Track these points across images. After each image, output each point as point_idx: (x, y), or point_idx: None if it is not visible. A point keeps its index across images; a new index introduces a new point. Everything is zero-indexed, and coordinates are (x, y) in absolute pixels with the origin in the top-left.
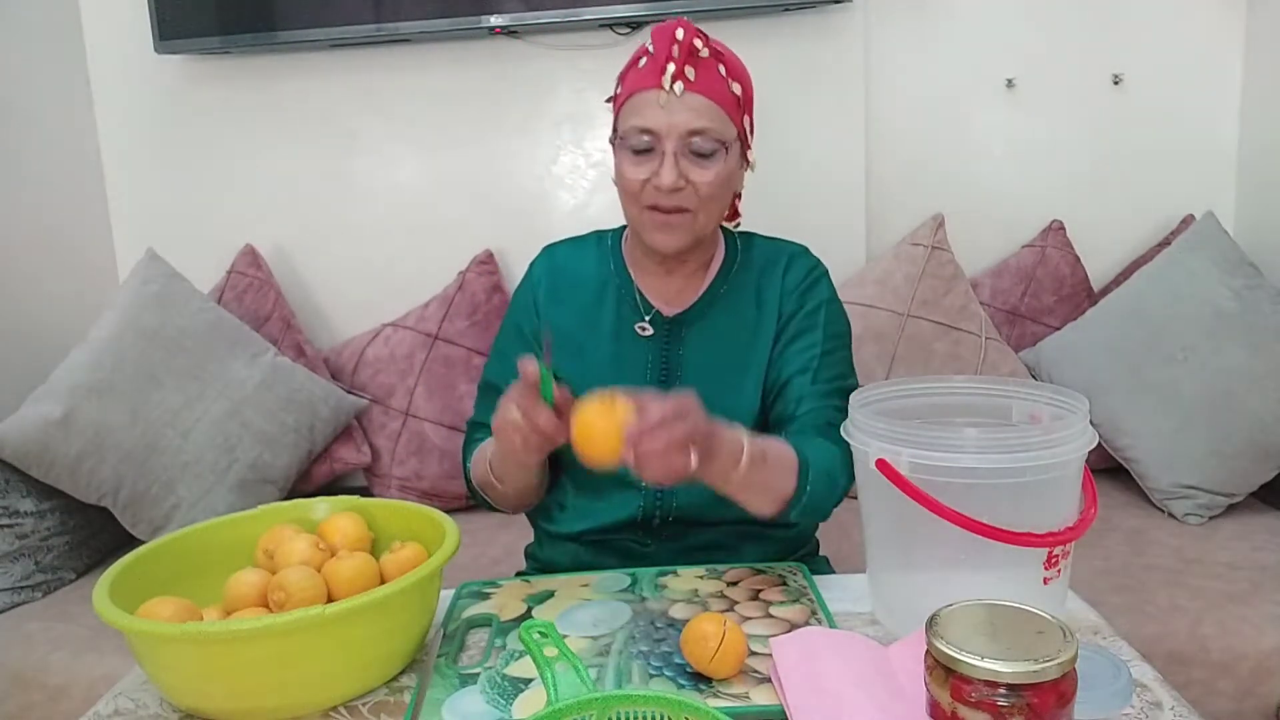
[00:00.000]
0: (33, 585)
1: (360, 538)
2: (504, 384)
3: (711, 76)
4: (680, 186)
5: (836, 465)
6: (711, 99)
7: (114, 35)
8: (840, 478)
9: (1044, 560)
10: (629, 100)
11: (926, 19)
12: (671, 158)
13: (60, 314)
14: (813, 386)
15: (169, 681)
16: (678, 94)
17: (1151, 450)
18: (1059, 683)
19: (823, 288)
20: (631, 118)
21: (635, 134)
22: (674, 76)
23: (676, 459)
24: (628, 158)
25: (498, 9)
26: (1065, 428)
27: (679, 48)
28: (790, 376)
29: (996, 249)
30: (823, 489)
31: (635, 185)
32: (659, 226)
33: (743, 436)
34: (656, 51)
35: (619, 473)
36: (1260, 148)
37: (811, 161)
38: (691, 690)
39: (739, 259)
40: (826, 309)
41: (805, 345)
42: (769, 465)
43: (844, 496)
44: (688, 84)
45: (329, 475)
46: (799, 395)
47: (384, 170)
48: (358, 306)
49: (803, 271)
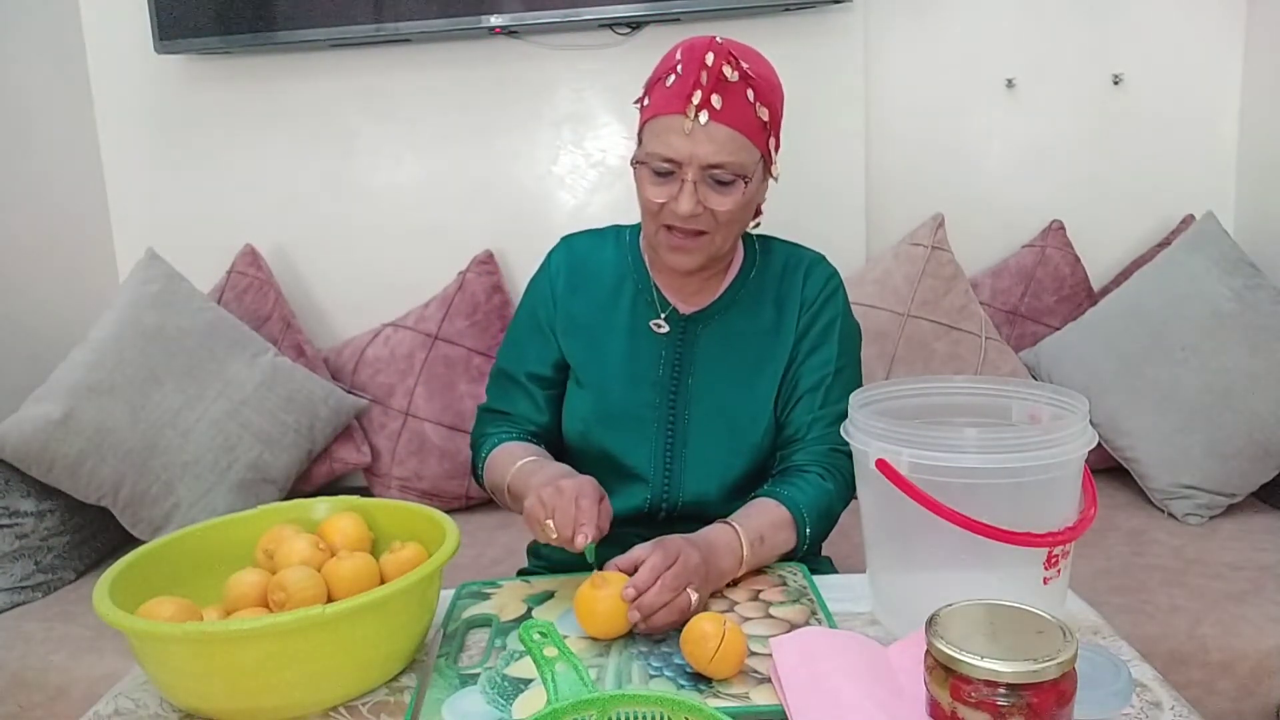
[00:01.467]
0: (33, 585)
1: (360, 538)
2: (518, 371)
3: (739, 104)
4: (698, 214)
5: (833, 499)
6: (737, 129)
7: (114, 35)
8: (837, 508)
9: (1044, 560)
10: (653, 121)
11: (926, 19)
12: (691, 185)
13: (60, 314)
14: (821, 410)
15: (169, 681)
16: (702, 123)
17: (1151, 450)
18: (1059, 683)
19: (839, 300)
20: (654, 143)
21: (657, 160)
22: (700, 106)
23: (679, 605)
24: (648, 178)
25: (498, 9)
26: (1065, 428)
27: (707, 74)
28: (804, 393)
29: (996, 249)
30: (820, 529)
31: (654, 206)
32: (674, 249)
33: (738, 537)
34: (684, 74)
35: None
36: (1260, 148)
37: (811, 161)
38: (691, 690)
39: (758, 261)
40: (842, 323)
41: (819, 363)
42: (767, 545)
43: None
44: (713, 113)
45: (329, 475)
46: (809, 420)
47: (384, 170)
48: (358, 306)
49: (821, 281)
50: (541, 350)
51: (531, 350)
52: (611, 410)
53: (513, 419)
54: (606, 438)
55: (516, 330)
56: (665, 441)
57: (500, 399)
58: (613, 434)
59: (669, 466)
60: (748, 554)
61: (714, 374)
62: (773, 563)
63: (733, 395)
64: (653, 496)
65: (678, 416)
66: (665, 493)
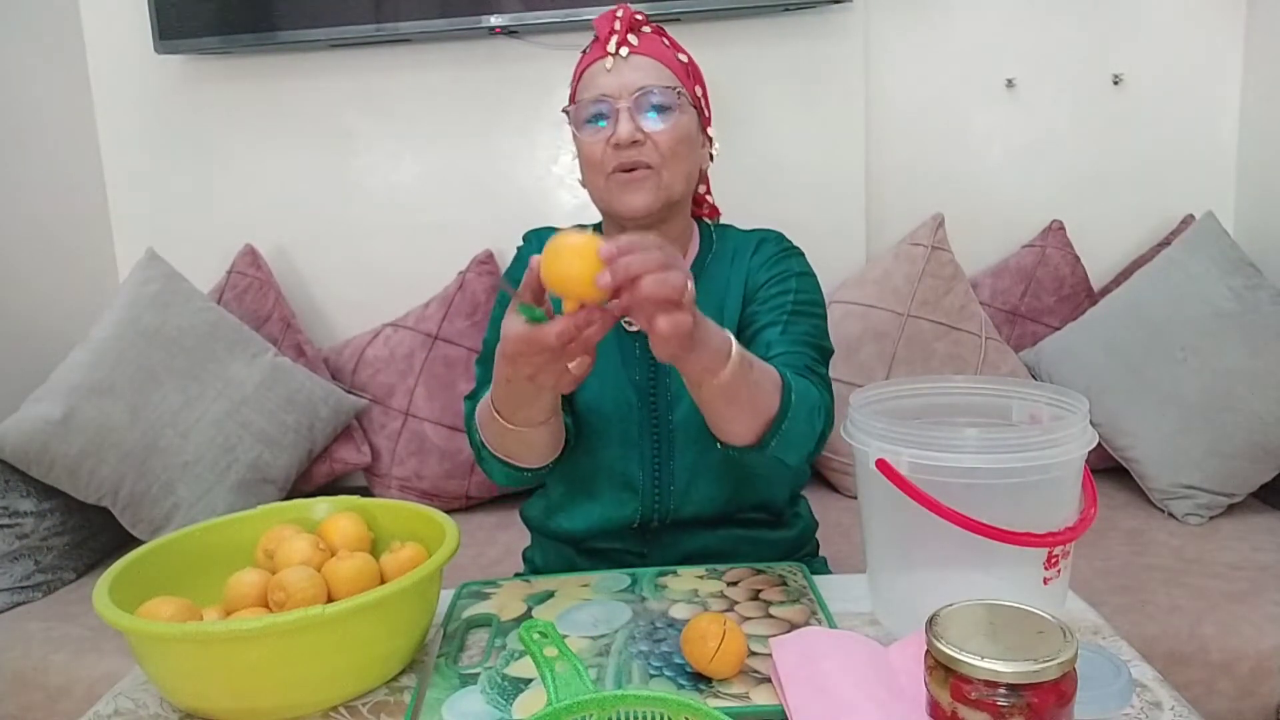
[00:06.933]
0: (33, 585)
1: (360, 538)
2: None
3: (656, 43)
4: (638, 139)
5: (816, 401)
6: (658, 59)
7: (114, 35)
8: (818, 419)
9: (1044, 560)
10: (579, 82)
11: (926, 19)
12: (626, 114)
13: (60, 314)
14: (783, 336)
15: (169, 681)
16: (624, 57)
17: (1151, 450)
18: (1059, 683)
19: (795, 262)
20: (583, 92)
21: (588, 104)
22: (619, 43)
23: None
24: (586, 132)
25: (498, 9)
26: (1065, 428)
27: (620, 21)
28: (760, 329)
29: (996, 249)
30: (803, 419)
31: (596, 152)
32: (624, 186)
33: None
34: (600, 31)
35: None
36: (1260, 148)
37: (811, 161)
38: (691, 690)
39: (714, 249)
40: (798, 280)
41: (775, 306)
42: (755, 372)
43: (821, 446)
44: (632, 48)
45: (329, 475)
46: (769, 342)
47: (384, 170)
48: (358, 306)
49: (773, 249)
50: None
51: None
52: (595, 418)
53: None
54: (594, 446)
55: (498, 313)
56: (652, 446)
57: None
58: (599, 441)
59: (657, 472)
60: (735, 358)
61: None
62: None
63: None
64: (643, 505)
65: (660, 419)
66: (656, 501)
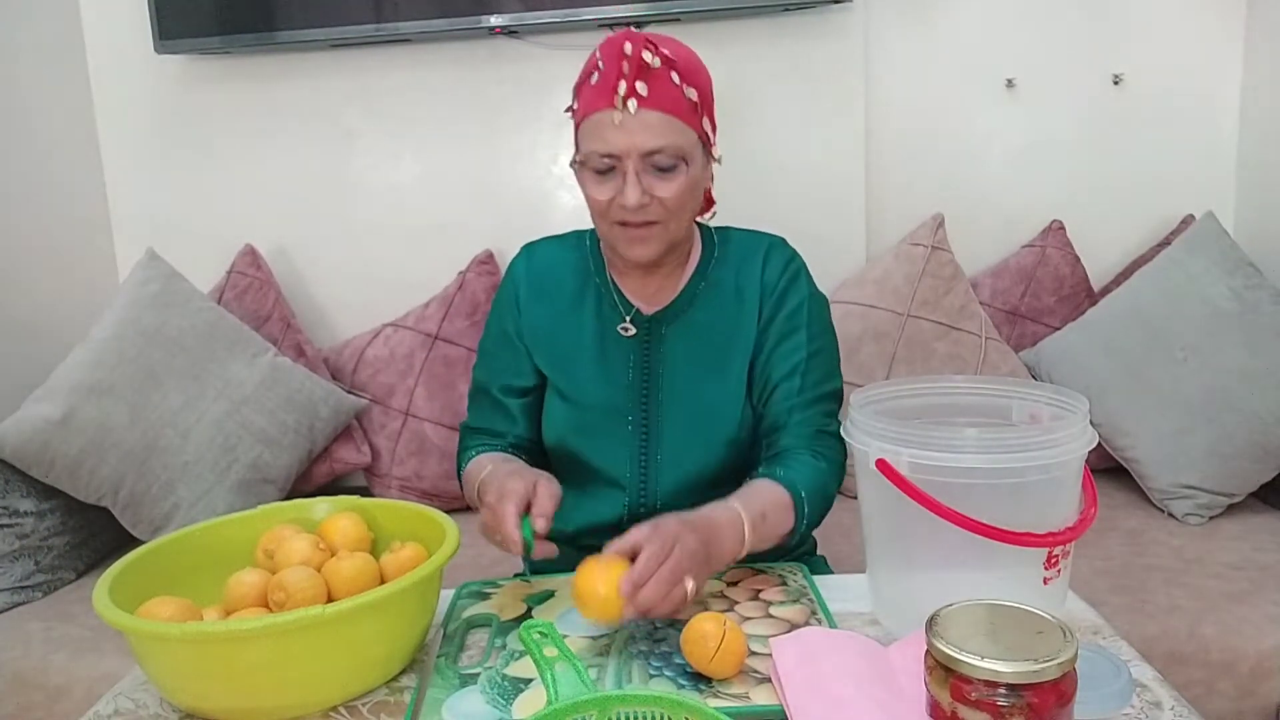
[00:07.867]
0: (33, 585)
1: (360, 538)
2: (491, 385)
3: (665, 88)
4: (645, 203)
5: (827, 479)
6: (667, 112)
7: (114, 35)
8: (831, 489)
9: (1044, 560)
10: (586, 121)
11: (926, 19)
12: (634, 176)
13: (60, 314)
14: (799, 396)
15: (169, 681)
16: (632, 112)
17: (1151, 450)
18: (1059, 683)
19: (802, 283)
20: (590, 141)
21: (596, 158)
22: (626, 95)
23: (675, 597)
24: (591, 179)
25: (498, 9)
26: (1065, 428)
27: (629, 63)
28: (779, 382)
29: (996, 249)
30: (818, 509)
31: (602, 205)
32: (630, 241)
33: (741, 517)
34: (606, 68)
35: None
36: (1260, 148)
37: (811, 161)
38: (691, 690)
39: (716, 254)
40: (809, 306)
41: (791, 348)
42: (769, 524)
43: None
44: (641, 100)
45: (329, 475)
46: (788, 405)
47: (384, 170)
48: (358, 306)
49: (781, 265)
50: (512, 361)
51: (502, 362)
52: (585, 418)
53: (492, 434)
54: (583, 446)
55: (486, 343)
56: (640, 445)
57: (478, 416)
58: (588, 441)
59: (644, 470)
60: (750, 534)
61: (682, 373)
62: (771, 544)
63: (703, 392)
64: (630, 502)
65: (651, 419)
66: (642, 498)
